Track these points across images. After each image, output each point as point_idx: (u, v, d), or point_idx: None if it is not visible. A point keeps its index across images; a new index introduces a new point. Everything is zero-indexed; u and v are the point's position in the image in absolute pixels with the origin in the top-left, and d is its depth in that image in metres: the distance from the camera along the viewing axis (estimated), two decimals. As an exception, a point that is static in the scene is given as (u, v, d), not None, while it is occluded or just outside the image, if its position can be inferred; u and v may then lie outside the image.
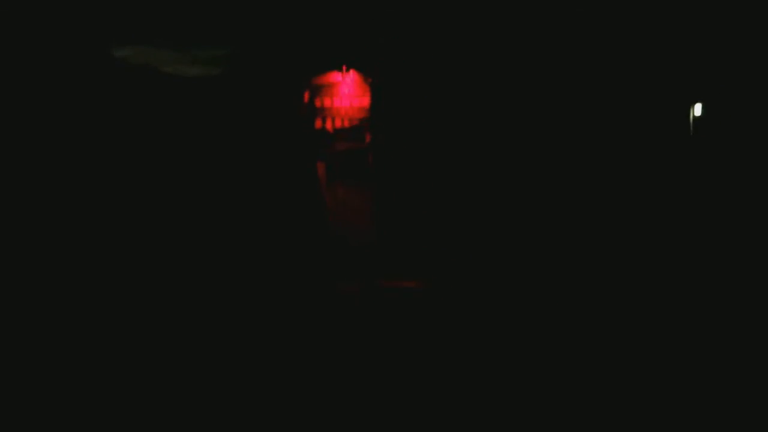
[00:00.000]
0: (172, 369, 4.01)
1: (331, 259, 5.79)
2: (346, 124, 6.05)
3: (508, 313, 4.88)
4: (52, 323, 4.43)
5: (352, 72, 6.03)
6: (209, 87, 5.83)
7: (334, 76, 6.03)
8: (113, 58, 5.71)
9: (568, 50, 5.72)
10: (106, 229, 5.15)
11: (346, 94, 6.04)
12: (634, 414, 3.31)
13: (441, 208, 5.90)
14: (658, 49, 5.56)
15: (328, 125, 6.05)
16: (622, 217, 5.56)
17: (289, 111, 6.00)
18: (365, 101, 6.04)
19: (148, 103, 5.66)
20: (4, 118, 5.08)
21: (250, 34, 5.86)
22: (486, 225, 5.75)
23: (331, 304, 5.27)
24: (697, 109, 5.49)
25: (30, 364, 3.85)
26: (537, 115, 5.83)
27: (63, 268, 4.84)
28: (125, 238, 5.22)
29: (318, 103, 6.04)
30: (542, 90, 5.81)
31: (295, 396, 3.70)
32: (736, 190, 5.37)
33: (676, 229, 5.50)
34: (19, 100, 5.20)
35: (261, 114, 5.93)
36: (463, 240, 5.77)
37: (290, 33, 5.94)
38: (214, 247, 5.61)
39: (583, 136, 5.73)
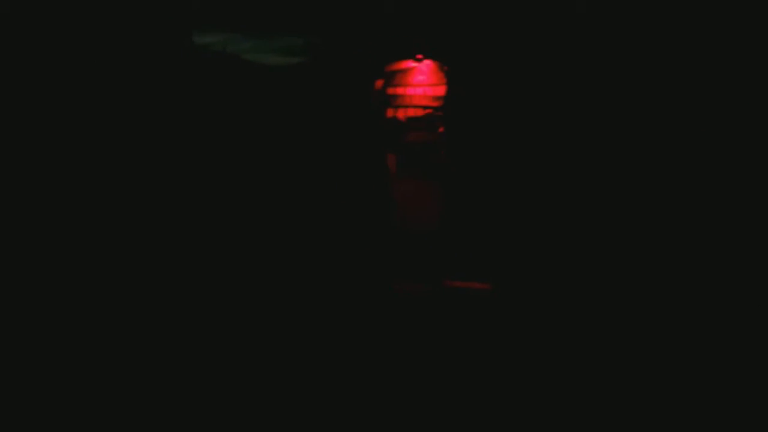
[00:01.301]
0: (237, 357, 3.92)
1: (396, 256, 5.51)
2: (420, 113, 5.73)
3: (580, 323, 4.44)
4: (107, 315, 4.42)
5: (427, 60, 5.70)
6: (289, 75, 5.73)
7: (409, 64, 5.72)
8: (194, 45, 5.67)
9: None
10: (189, 214, 5.25)
11: (421, 82, 5.71)
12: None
13: (515, 208, 5.48)
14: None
15: (400, 115, 5.75)
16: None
17: (360, 100, 5.76)
18: (440, 90, 5.70)
19: (229, 90, 5.62)
20: (91, 104, 5.17)
21: (329, 22, 5.69)
22: (563, 228, 5.29)
23: (394, 304, 4.98)
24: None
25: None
26: (627, 113, 5.30)
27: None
28: (206, 223, 5.25)
29: (390, 92, 5.75)
30: (636, 89, 5.28)
31: (346, 395, 3.48)
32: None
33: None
34: (102, 87, 5.25)
35: (334, 103, 5.75)
36: (538, 243, 5.33)
37: (366, 20, 5.70)
38: (281, 237, 5.48)
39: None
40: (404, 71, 5.73)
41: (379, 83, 5.73)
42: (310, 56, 5.75)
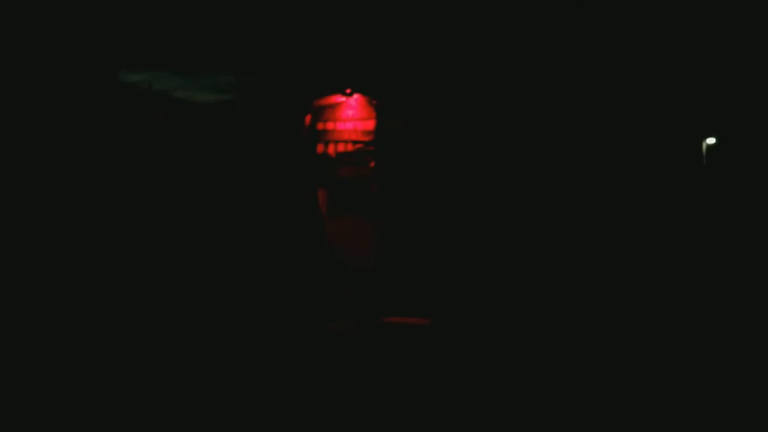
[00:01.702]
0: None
1: (330, 292, 5.32)
2: (350, 148, 5.64)
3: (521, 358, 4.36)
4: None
5: (356, 94, 5.65)
6: (218, 112, 5.58)
7: (338, 98, 5.65)
8: (120, 83, 5.45)
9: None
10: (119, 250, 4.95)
11: (350, 116, 5.65)
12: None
13: (449, 242, 5.43)
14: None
15: (331, 150, 5.64)
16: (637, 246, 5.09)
17: (289, 135, 5.63)
18: (370, 125, 5.64)
19: (157, 128, 5.41)
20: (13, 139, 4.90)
21: (257, 59, 5.57)
22: (497, 261, 5.26)
23: (328, 341, 4.77)
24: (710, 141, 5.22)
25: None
26: (550, 146, 5.40)
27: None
28: (133, 260, 4.96)
29: (320, 127, 5.65)
30: (555, 122, 5.40)
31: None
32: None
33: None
34: (25, 121, 4.98)
35: (261, 138, 5.59)
36: (472, 276, 5.28)
37: (293, 56, 5.62)
38: (211, 276, 5.20)
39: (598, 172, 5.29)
40: (333, 106, 5.66)
41: (308, 118, 5.63)
42: (240, 93, 5.62)
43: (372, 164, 5.64)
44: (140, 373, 3.92)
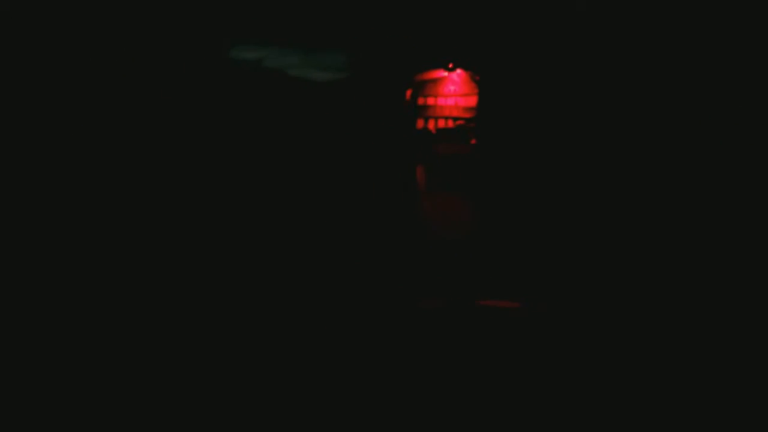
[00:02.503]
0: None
1: (425, 271, 5.28)
2: (450, 125, 5.52)
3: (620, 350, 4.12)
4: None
5: (459, 69, 5.50)
6: (330, 90, 5.65)
7: (440, 73, 5.53)
8: (230, 60, 5.64)
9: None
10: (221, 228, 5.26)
11: (452, 92, 5.51)
12: None
13: (551, 224, 5.20)
14: None
15: (431, 126, 5.55)
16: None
17: (390, 111, 5.58)
18: (472, 101, 5.48)
19: (264, 105, 5.58)
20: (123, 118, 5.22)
21: (369, 36, 5.56)
22: (601, 247, 4.98)
23: (421, 322, 4.75)
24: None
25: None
26: (672, 123, 5.00)
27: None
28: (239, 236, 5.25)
29: (421, 102, 5.56)
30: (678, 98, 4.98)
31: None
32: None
33: None
34: (136, 99, 5.28)
35: (369, 116, 5.60)
36: (575, 261, 5.04)
37: (398, 29, 5.54)
38: (311, 249, 5.34)
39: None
40: (435, 81, 5.54)
41: (408, 93, 5.55)
42: (351, 71, 5.64)
43: (473, 141, 5.49)
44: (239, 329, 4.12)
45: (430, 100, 5.54)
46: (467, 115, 5.49)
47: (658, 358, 3.98)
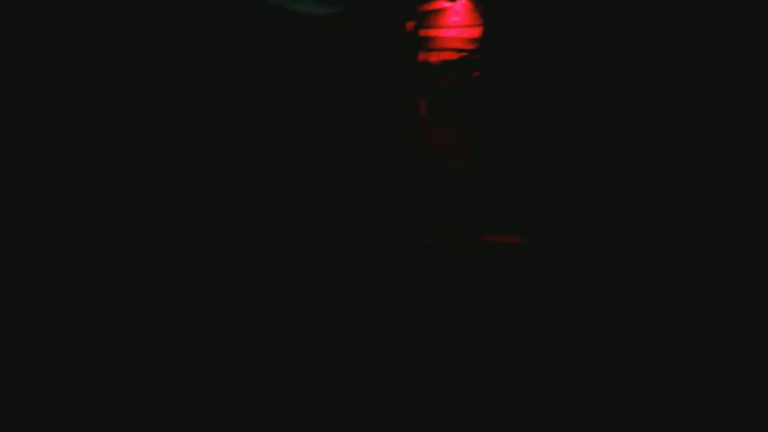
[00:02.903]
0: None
1: (430, 208, 5.41)
2: (453, 57, 5.46)
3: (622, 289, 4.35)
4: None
5: (462, -2, 5.38)
6: (330, 23, 5.56)
7: (442, 3, 5.40)
8: None
9: None
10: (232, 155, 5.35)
11: (455, 23, 5.41)
12: None
13: (552, 160, 5.29)
14: None
15: (433, 58, 5.48)
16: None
17: (391, 44, 5.49)
18: (476, 32, 5.39)
19: (272, 39, 5.53)
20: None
21: None
22: (603, 182, 5.11)
23: (426, 258, 4.94)
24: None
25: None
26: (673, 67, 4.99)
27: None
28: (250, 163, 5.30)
29: (422, 34, 5.46)
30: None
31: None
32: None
33: None
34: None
35: (368, 48, 5.52)
36: (575, 197, 5.17)
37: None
38: (314, 182, 5.43)
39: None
40: (437, 11, 5.41)
41: (410, 25, 5.44)
42: (351, 4, 5.54)
43: (476, 74, 5.45)
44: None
45: (432, 32, 5.44)
46: (470, 47, 5.41)
47: (644, 290, 4.21)
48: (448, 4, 5.38)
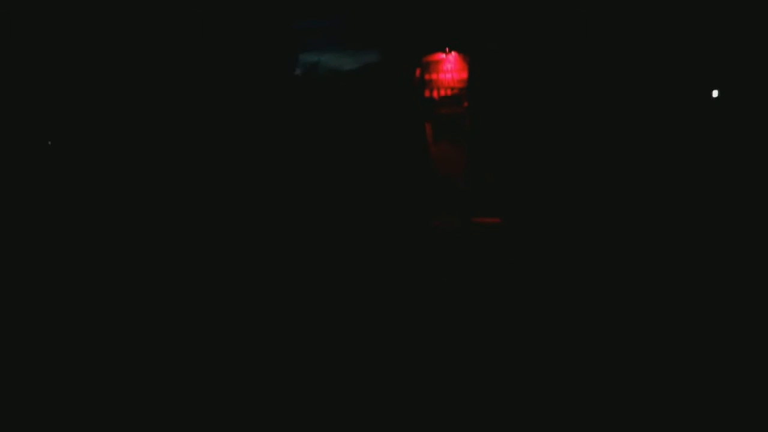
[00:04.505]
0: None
1: (435, 200, 7.66)
2: (448, 93, 7.72)
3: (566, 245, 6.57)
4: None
5: (453, 52, 7.63)
6: (367, 75, 7.84)
7: (440, 56, 7.67)
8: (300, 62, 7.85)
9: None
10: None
11: (449, 69, 7.68)
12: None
13: (522, 161, 7.53)
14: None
15: (434, 94, 7.75)
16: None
17: (406, 85, 7.77)
18: (464, 75, 7.66)
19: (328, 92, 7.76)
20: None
21: (391, 37, 7.71)
22: (559, 178, 7.34)
23: (434, 236, 7.17)
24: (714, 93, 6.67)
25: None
26: (611, 93, 7.21)
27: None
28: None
29: (426, 77, 7.74)
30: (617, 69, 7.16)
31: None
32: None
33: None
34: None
35: (389, 89, 7.78)
36: (536, 186, 7.41)
37: (411, 27, 7.67)
38: (350, 186, 7.66)
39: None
40: (436, 61, 7.68)
41: (418, 71, 7.71)
42: (382, 62, 7.85)
43: (465, 104, 7.71)
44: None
45: (434, 76, 7.72)
46: (460, 85, 7.68)
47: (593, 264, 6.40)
48: (443, 56, 7.64)
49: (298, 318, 4.35)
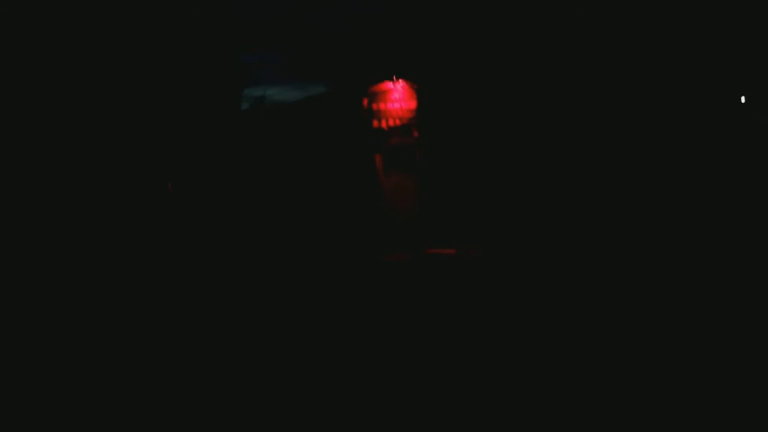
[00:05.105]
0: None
1: (386, 233, 7.32)
2: (398, 123, 7.49)
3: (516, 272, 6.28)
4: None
5: (401, 80, 7.44)
6: (314, 106, 7.61)
7: (387, 85, 7.46)
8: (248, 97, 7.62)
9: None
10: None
11: (397, 98, 7.46)
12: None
13: (473, 191, 7.30)
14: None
15: (383, 124, 7.50)
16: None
17: (352, 115, 7.52)
18: (413, 104, 7.45)
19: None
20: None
21: (338, 70, 7.52)
22: (506, 204, 7.11)
23: (384, 267, 6.80)
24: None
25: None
26: (552, 114, 7.09)
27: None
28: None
29: (375, 107, 7.50)
30: (556, 90, 7.06)
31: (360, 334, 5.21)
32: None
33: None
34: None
35: (335, 120, 7.53)
36: (490, 216, 7.16)
37: (357, 58, 7.47)
38: (297, 223, 7.29)
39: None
40: (384, 91, 7.47)
41: (365, 101, 7.48)
42: (328, 93, 7.65)
43: (415, 134, 7.48)
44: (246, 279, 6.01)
45: (382, 106, 7.49)
46: (410, 115, 7.46)
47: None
48: (391, 85, 7.44)
49: (237, 362, 4.15)
